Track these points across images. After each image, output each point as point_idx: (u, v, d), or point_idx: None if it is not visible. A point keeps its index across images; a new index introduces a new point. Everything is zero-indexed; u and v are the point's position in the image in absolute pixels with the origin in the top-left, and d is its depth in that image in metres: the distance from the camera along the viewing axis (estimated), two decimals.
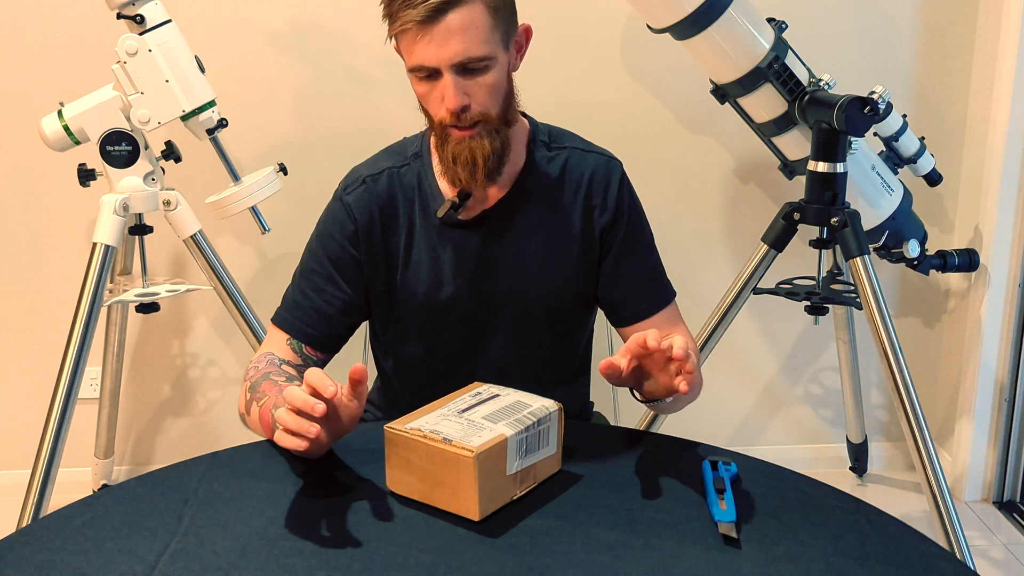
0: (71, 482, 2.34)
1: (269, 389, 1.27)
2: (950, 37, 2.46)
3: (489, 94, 1.30)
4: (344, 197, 1.43)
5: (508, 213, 1.42)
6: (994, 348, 2.48)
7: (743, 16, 1.90)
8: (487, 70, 1.28)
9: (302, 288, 1.44)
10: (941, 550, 1.01)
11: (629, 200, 1.45)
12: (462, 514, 1.04)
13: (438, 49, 1.24)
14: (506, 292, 1.43)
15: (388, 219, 1.42)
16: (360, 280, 1.43)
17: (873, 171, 2.12)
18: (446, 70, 1.26)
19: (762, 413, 2.70)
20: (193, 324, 2.54)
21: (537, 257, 1.42)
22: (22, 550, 1.00)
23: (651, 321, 1.44)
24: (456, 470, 1.02)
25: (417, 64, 1.27)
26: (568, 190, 1.43)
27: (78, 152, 2.06)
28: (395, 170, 1.43)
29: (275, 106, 2.40)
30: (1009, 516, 2.51)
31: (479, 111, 1.30)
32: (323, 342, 1.43)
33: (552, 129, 1.47)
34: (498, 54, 1.29)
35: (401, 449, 1.07)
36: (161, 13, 1.92)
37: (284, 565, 0.97)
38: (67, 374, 1.95)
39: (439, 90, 1.28)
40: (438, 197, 1.41)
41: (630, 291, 1.45)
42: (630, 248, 1.44)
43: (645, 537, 1.02)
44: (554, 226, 1.42)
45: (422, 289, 1.43)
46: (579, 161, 1.44)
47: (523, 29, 1.37)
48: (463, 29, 1.24)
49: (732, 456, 1.19)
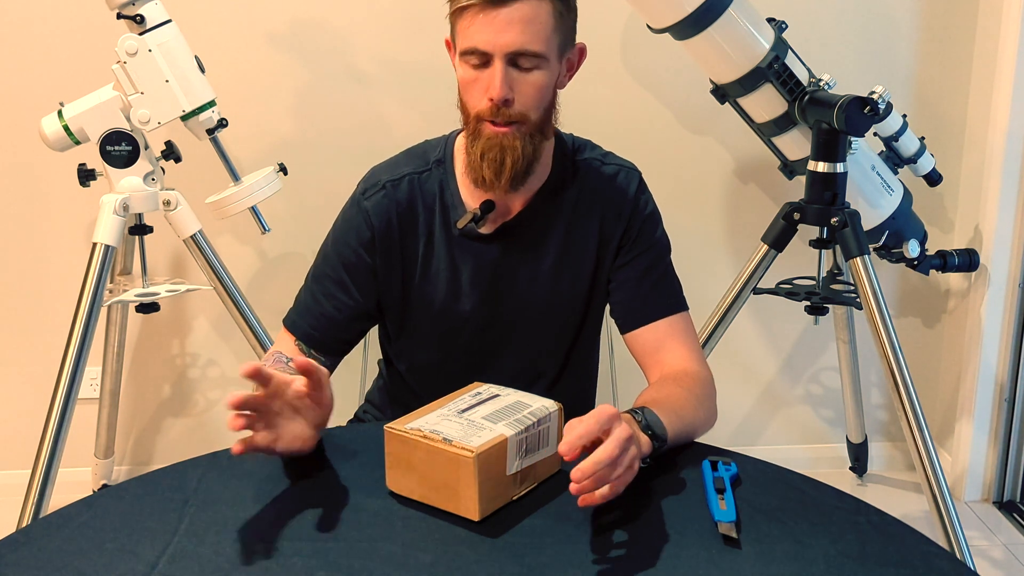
0: (71, 482, 2.34)
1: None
2: (950, 37, 2.46)
3: (534, 94, 1.28)
4: (363, 202, 1.40)
5: (527, 227, 1.40)
6: (994, 348, 2.48)
7: (743, 16, 1.90)
8: (538, 69, 1.27)
9: (313, 292, 1.42)
10: (941, 550, 1.01)
11: (644, 207, 1.43)
12: (462, 514, 1.04)
13: (497, 34, 1.23)
14: (519, 307, 1.42)
15: (407, 226, 1.40)
16: (373, 288, 1.41)
17: (873, 171, 2.12)
18: (499, 58, 1.24)
19: (762, 413, 2.70)
20: (193, 324, 2.54)
21: (552, 272, 1.41)
22: (22, 550, 1.00)
23: (651, 328, 1.39)
24: (456, 470, 1.02)
25: (471, 47, 1.25)
26: (586, 203, 1.41)
27: (78, 152, 2.06)
28: (416, 176, 1.41)
29: (275, 106, 2.40)
30: (1009, 516, 2.51)
31: (520, 110, 1.28)
32: (330, 347, 1.42)
33: (576, 139, 1.46)
34: (552, 58, 1.28)
35: (401, 449, 1.07)
36: (161, 13, 1.92)
37: (284, 565, 0.97)
38: (67, 374, 1.95)
39: (485, 78, 1.26)
40: (459, 207, 1.39)
41: (632, 295, 1.42)
42: (638, 253, 1.42)
43: (645, 537, 1.02)
44: (570, 241, 1.41)
45: (439, 299, 1.41)
46: (598, 174, 1.42)
47: (579, 48, 1.35)
48: (526, 21, 1.23)
49: (732, 456, 1.19)
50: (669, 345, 1.39)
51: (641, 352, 1.41)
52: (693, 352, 1.39)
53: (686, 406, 1.25)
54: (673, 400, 1.24)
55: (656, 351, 1.39)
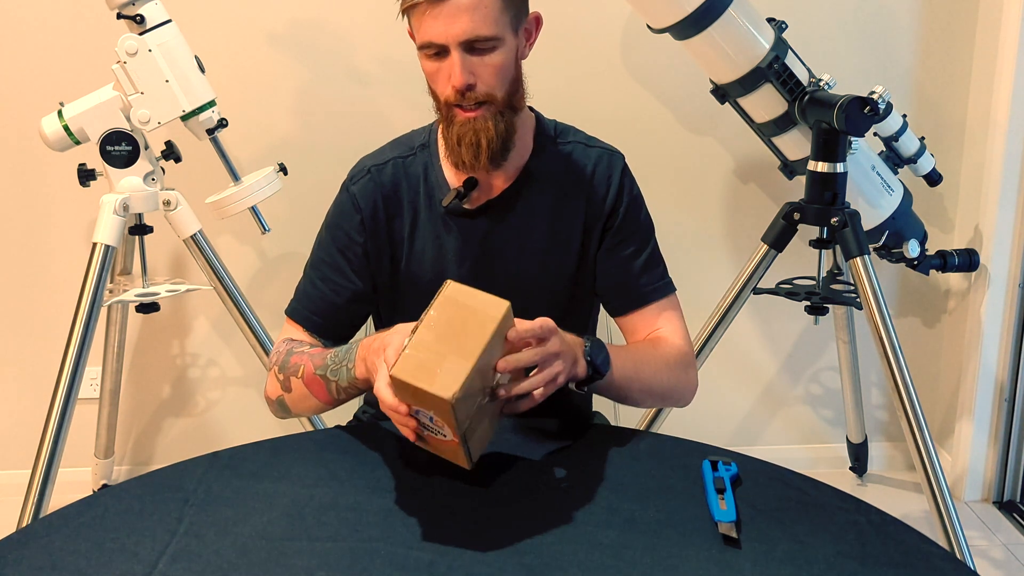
0: (71, 482, 2.34)
1: (299, 359, 1.32)
2: (950, 37, 2.46)
3: (495, 75, 1.31)
4: (350, 187, 1.44)
5: (512, 203, 1.43)
6: (994, 348, 2.48)
7: (743, 16, 1.90)
8: (494, 50, 1.30)
9: (312, 279, 1.45)
10: (941, 550, 1.01)
11: (628, 190, 1.46)
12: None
13: (446, 26, 1.26)
14: (509, 281, 1.44)
15: (392, 207, 1.43)
16: (367, 269, 1.44)
17: (873, 171, 2.12)
18: (454, 48, 1.28)
19: (762, 413, 2.70)
20: (193, 324, 2.54)
21: (539, 247, 1.44)
22: (22, 550, 1.00)
23: (643, 312, 1.45)
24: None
25: (426, 41, 1.29)
26: (571, 182, 1.44)
27: (78, 152, 2.06)
28: (401, 160, 1.45)
29: (275, 106, 2.40)
30: (1009, 516, 2.51)
31: (484, 91, 1.31)
32: (331, 331, 1.44)
33: (559, 124, 1.49)
34: (506, 36, 1.31)
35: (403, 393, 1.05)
36: (161, 13, 1.92)
37: (284, 565, 0.97)
38: (67, 374, 1.95)
39: (446, 68, 1.30)
40: (444, 187, 1.43)
41: (621, 280, 1.46)
42: (625, 237, 1.45)
43: (645, 537, 1.02)
44: (557, 217, 1.44)
45: (426, 277, 1.44)
46: (582, 154, 1.46)
47: (533, 17, 1.38)
48: (472, 8, 1.26)
49: (732, 456, 1.19)
50: (660, 328, 1.45)
51: (632, 336, 1.47)
52: (680, 331, 1.46)
53: (649, 361, 1.36)
54: (637, 352, 1.36)
55: (647, 334, 1.45)
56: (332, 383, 1.27)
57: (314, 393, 1.31)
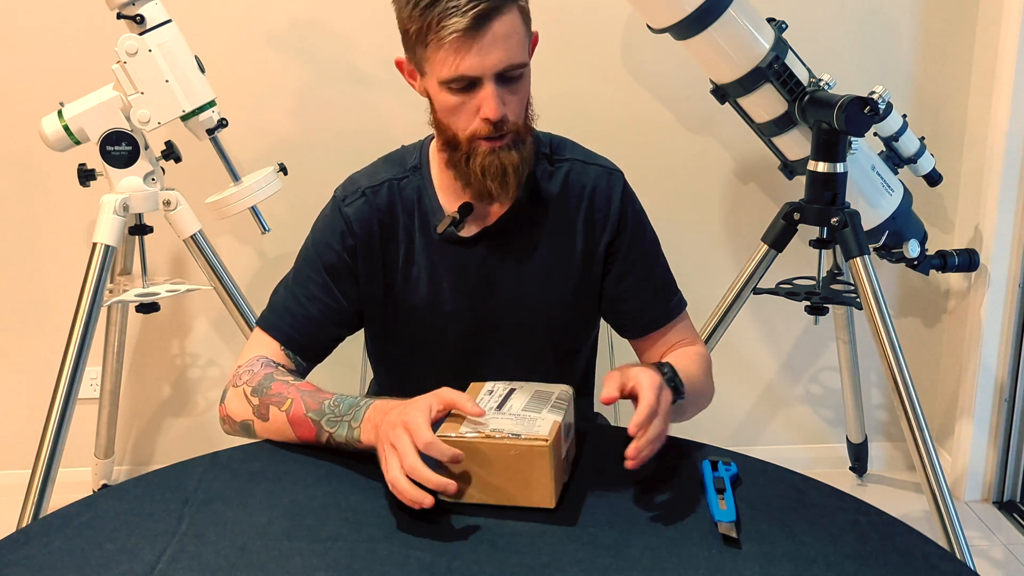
0: (71, 482, 2.34)
1: (284, 390, 1.24)
2: (950, 37, 2.46)
3: (521, 103, 1.28)
4: (343, 208, 1.38)
5: (509, 230, 1.38)
6: (994, 348, 2.48)
7: (743, 16, 1.90)
8: (522, 78, 1.26)
9: (295, 295, 1.39)
10: (941, 550, 1.01)
11: (632, 212, 1.42)
12: (535, 504, 1.06)
13: (483, 58, 1.20)
14: (506, 310, 1.40)
15: (387, 232, 1.38)
16: (355, 292, 1.39)
17: (873, 171, 2.12)
18: (488, 79, 1.22)
19: (762, 413, 2.70)
20: (193, 324, 2.54)
21: (538, 275, 1.39)
22: (22, 550, 1.00)
23: (660, 334, 1.43)
24: (529, 462, 1.05)
25: (458, 75, 1.21)
26: (569, 206, 1.39)
27: (78, 152, 2.06)
28: (395, 182, 1.39)
29: (275, 106, 2.40)
30: (1009, 516, 2.51)
31: (512, 120, 1.27)
32: (310, 351, 1.39)
33: (553, 139, 1.43)
34: (528, 60, 1.27)
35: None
36: (161, 13, 1.92)
37: (284, 565, 0.97)
38: (67, 374, 1.95)
39: (475, 101, 1.23)
40: (438, 212, 1.38)
41: (635, 305, 1.42)
42: (634, 261, 1.41)
43: (645, 537, 1.02)
44: (555, 243, 1.39)
45: (420, 305, 1.40)
46: (580, 175, 1.40)
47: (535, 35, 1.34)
48: (506, 36, 1.20)
49: (732, 456, 1.19)
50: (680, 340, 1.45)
51: (646, 354, 1.45)
52: (698, 338, 1.48)
53: (695, 372, 1.36)
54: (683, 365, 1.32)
55: (662, 354, 1.44)
56: (325, 432, 1.19)
57: (298, 433, 1.22)
